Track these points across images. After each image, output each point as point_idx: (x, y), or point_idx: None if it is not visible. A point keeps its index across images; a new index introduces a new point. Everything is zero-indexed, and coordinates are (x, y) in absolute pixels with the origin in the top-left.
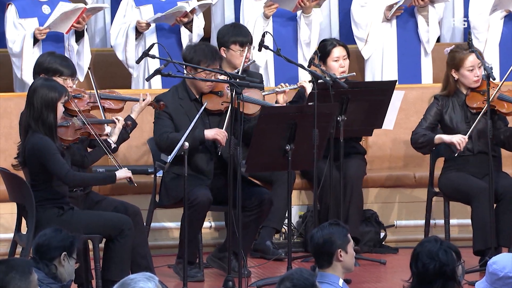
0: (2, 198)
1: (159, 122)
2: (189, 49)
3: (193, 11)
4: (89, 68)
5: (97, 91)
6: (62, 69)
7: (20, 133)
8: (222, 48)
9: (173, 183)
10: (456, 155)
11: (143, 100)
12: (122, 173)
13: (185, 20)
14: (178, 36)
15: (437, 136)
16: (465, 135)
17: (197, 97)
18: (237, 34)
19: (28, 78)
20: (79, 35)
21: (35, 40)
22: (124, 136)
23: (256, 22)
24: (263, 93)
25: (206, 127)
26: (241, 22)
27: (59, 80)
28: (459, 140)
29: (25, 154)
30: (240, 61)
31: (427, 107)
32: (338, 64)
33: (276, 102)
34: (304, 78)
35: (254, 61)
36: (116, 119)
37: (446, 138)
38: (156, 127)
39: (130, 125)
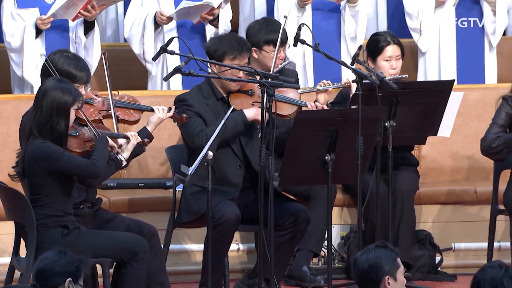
0: None
1: (189, 123)
2: (212, 40)
3: (219, 5)
4: (103, 53)
5: (111, 94)
6: (76, 73)
7: (20, 139)
8: (253, 48)
9: (194, 197)
10: None
11: (162, 111)
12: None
13: (211, 17)
14: (202, 36)
15: None
16: None
17: (224, 96)
18: (270, 32)
19: (30, 76)
20: (88, 27)
21: (38, 32)
22: (138, 151)
23: (290, 13)
24: (303, 92)
25: None
26: (275, 13)
27: None
28: None
29: (24, 163)
30: (273, 63)
31: (496, 110)
32: (389, 64)
33: (316, 102)
34: (350, 78)
35: (289, 61)
36: (131, 135)
37: None
38: (188, 129)
39: (147, 143)
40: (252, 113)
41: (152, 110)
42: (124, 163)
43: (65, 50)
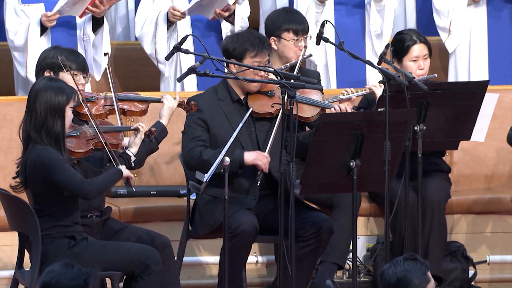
0: (1, 226)
1: (189, 132)
2: (230, 38)
3: (235, 1)
4: (106, 53)
5: (114, 90)
6: (70, 63)
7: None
8: (272, 37)
9: (209, 207)
10: None
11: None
12: (126, 170)
13: (226, 14)
14: (218, 33)
15: None
16: None
17: (241, 97)
18: (290, 20)
19: (35, 77)
20: (97, 24)
21: (43, 29)
22: (152, 146)
23: (309, 8)
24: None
25: (252, 136)
26: (295, 8)
27: (68, 76)
28: None
29: (26, 172)
30: (294, 53)
31: None
32: (416, 65)
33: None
34: (374, 80)
35: (311, 54)
36: (140, 125)
37: None
38: (185, 139)
39: (154, 132)
40: (252, 157)
41: (159, 101)
42: (133, 158)
43: (57, 45)
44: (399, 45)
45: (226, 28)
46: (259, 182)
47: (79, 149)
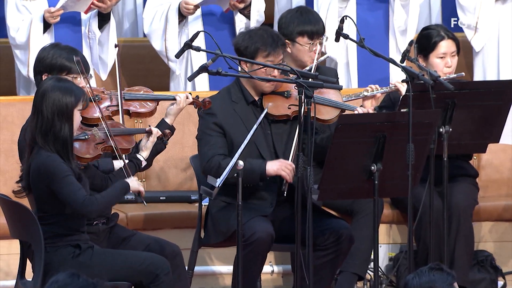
0: (1, 234)
1: (206, 141)
2: (242, 36)
3: None
4: (116, 45)
5: (120, 91)
6: (70, 64)
7: (20, 155)
8: (286, 41)
9: (222, 214)
10: None
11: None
12: (135, 184)
13: (241, 6)
14: (231, 26)
15: None
16: None
17: (256, 99)
18: (304, 22)
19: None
20: (103, 20)
21: (46, 25)
22: (158, 147)
23: (331, 4)
24: (347, 99)
25: (268, 139)
26: (314, 3)
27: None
28: None
29: (29, 177)
30: (308, 57)
31: None
32: (443, 62)
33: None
34: (398, 79)
35: (327, 55)
36: (153, 128)
37: None
38: (202, 147)
39: (169, 135)
40: (274, 167)
41: (174, 99)
42: (144, 163)
43: (56, 43)
44: (426, 41)
45: (240, 22)
46: (285, 193)
47: (86, 154)
